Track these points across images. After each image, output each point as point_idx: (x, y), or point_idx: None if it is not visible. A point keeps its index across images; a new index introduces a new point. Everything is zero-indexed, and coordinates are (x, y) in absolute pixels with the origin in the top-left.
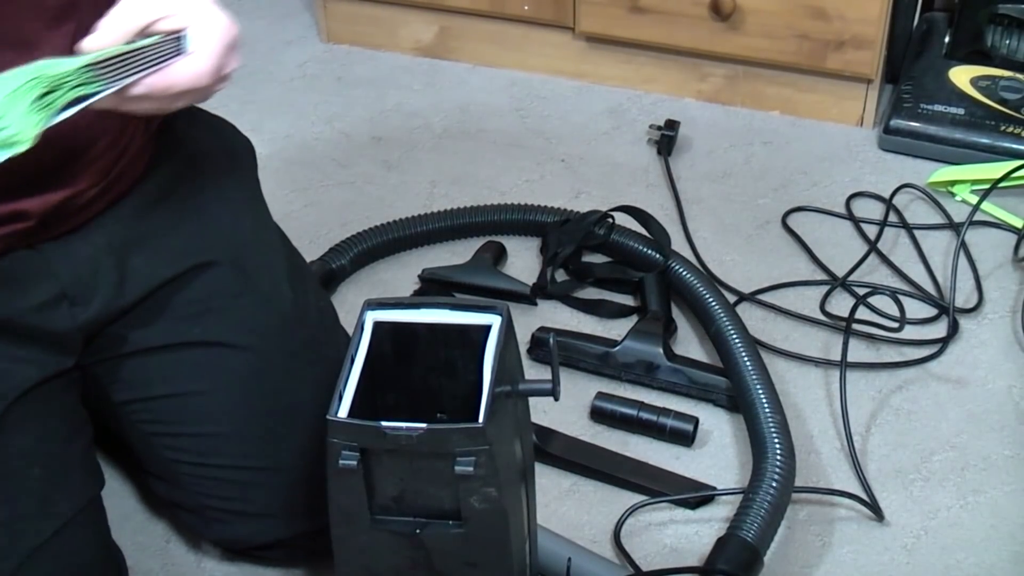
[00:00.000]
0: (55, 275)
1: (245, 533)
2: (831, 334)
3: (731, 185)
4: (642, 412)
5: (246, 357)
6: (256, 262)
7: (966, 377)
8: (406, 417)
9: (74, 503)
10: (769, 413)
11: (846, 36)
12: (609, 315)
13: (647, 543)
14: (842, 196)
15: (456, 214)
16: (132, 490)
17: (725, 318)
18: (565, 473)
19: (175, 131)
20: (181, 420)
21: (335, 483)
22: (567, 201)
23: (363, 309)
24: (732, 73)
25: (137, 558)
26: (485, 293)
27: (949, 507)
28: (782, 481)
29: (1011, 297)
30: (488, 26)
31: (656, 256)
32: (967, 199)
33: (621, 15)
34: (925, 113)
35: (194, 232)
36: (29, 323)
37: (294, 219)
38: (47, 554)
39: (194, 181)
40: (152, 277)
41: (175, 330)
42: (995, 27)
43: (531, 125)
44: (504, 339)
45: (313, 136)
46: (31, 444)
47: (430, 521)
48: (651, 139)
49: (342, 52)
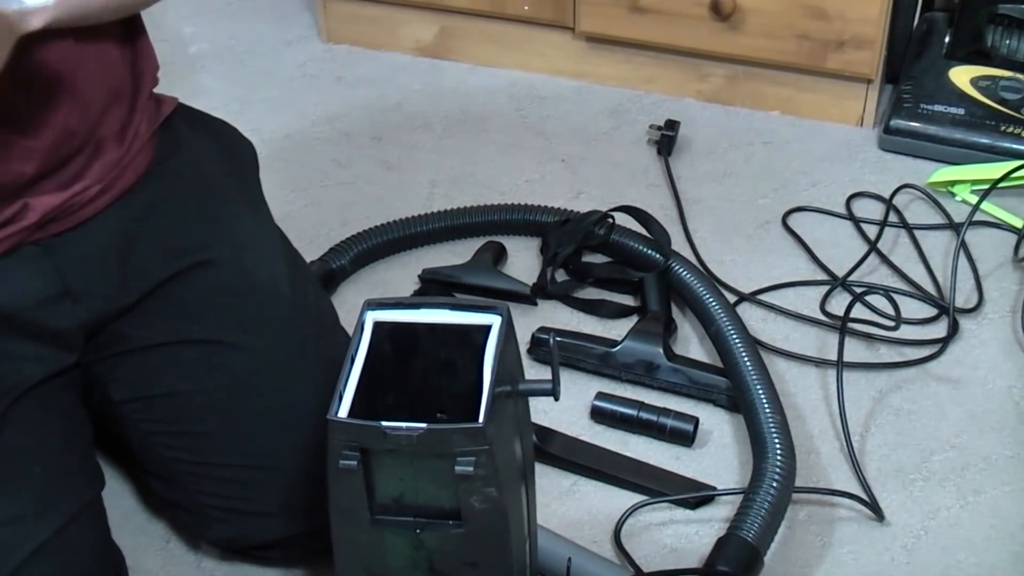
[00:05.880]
0: (58, 272)
1: (245, 532)
2: (831, 334)
3: (731, 185)
4: (642, 412)
5: (246, 356)
6: (256, 261)
7: (966, 377)
8: (406, 417)
9: (74, 503)
10: (769, 413)
11: (846, 36)
12: (609, 315)
13: (647, 543)
14: (842, 196)
15: (456, 214)
16: (132, 490)
17: (725, 318)
18: (565, 473)
19: (176, 131)
20: (180, 419)
21: (335, 483)
22: (567, 201)
23: (363, 309)
24: (732, 73)
25: (137, 558)
26: (485, 293)
27: (949, 507)
28: (782, 481)
29: (1011, 297)
30: (488, 26)
31: (656, 256)
32: (967, 199)
33: (621, 15)
34: (925, 113)
35: (195, 231)
36: (32, 319)
37: (294, 219)
38: (47, 554)
39: (196, 181)
40: (153, 275)
41: (175, 328)
42: (995, 27)
43: (531, 125)
44: (504, 339)
45: (313, 136)
46: (31, 443)
47: (430, 521)
48: (651, 139)
49: (342, 52)
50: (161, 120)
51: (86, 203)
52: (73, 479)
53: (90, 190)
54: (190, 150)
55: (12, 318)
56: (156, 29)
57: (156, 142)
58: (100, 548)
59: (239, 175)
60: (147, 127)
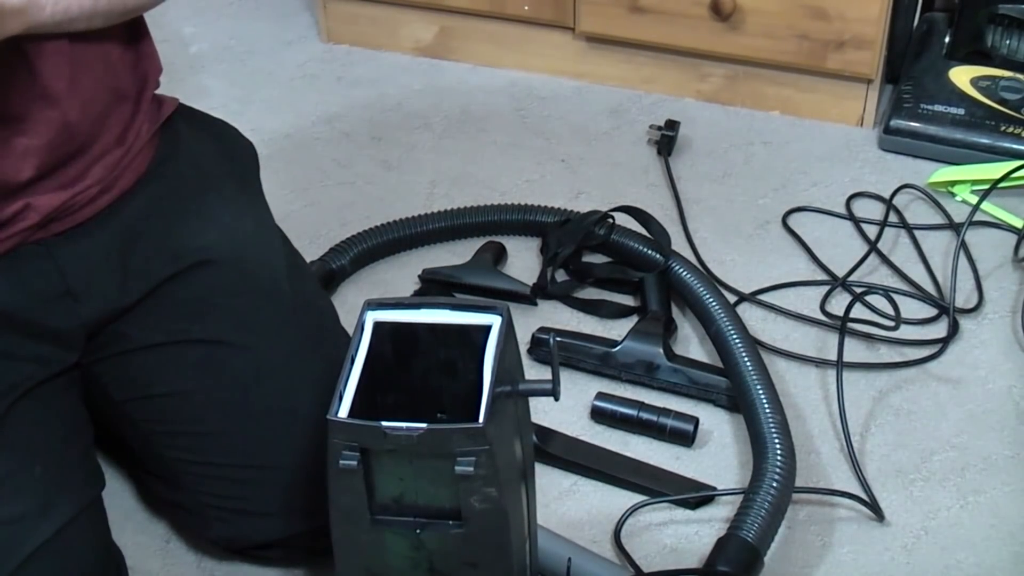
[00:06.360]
0: (59, 271)
1: (245, 532)
2: (831, 334)
3: (731, 185)
4: (642, 412)
5: (246, 356)
6: (256, 261)
7: (966, 377)
8: (406, 417)
9: (74, 503)
10: (769, 413)
11: (846, 36)
12: (609, 315)
13: (647, 543)
14: (842, 196)
15: (456, 214)
16: (132, 490)
17: (725, 318)
18: (565, 473)
19: (177, 132)
20: (180, 419)
21: (335, 483)
22: (567, 201)
23: (363, 309)
24: (732, 73)
25: (137, 558)
26: (485, 293)
27: (949, 507)
28: (782, 481)
29: (1011, 297)
30: (488, 26)
31: (656, 256)
32: (967, 199)
33: (621, 15)
34: (925, 113)
35: (195, 231)
36: (33, 318)
37: (294, 219)
38: (47, 554)
39: (195, 181)
40: (153, 275)
41: (175, 328)
42: (995, 27)
43: (531, 125)
44: (504, 339)
45: (313, 136)
46: (32, 443)
47: (430, 521)
48: (651, 139)
49: (342, 52)
50: (162, 121)
51: (87, 203)
52: (73, 479)
53: (91, 190)
54: (190, 150)
55: (13, 317)
56: (156, 29)
57: (156, 142)
58: (100, 548)
59: (239, 175)
60: (148, 128)
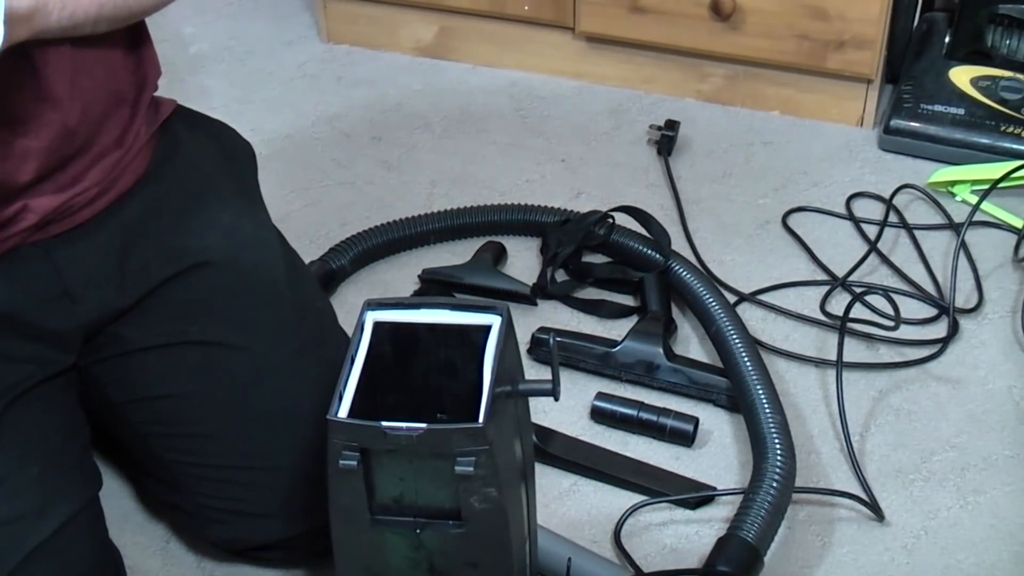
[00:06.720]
0: (57, 273)
1: (245, 533)
2: (831, 334)
3: (731, 185)
4: (642, 412)
5: (244, 357)
6: (255, 262)
7: (966, 377)
8: (406, 417)
9: (72, 504)
10: (769, 413)
11: (846, 36)
12: (609, 315)
13: (647, 543)
14: (842, 196)
15: (456, 214)
16: (132, 491)
17: (725, 318)
18: (565, 473)
19: (174, 133)
20: (179, 420)
21: (335, 483)
22: (567, 201)
23: (363, 309)
24: (732, 73)
25: (137, 558)
26: (485, 293)
27: (949, 507)
28: (782, 481)
29: (1011, 297)
30: (488, 26)
31: (656, 256)
32: (967, 199)
33: (621, 15)
34: (925, 113)
35: (193, 232)
36: (31, 319)
37: (294, 219)
38: (45, 554)
39: (194, 182)
40: (152, 276)
41: (173, 330)
42: (995, 27)
43: (531, 125)
44: (504, 339)
45: (313, 136)
46: (30, 444)
47: (430, 521)
48: (651, 139)
49: (342, 52)
50: (160, 122)
51: (85, 205)
52: (71, 480)
53: (89, 192)
54: (188, 152)
55: (11, 319)
56: (156, 29)
57: (155, 144)
58: (98, 548)
59: (237, 176)
60: (146, 130)
